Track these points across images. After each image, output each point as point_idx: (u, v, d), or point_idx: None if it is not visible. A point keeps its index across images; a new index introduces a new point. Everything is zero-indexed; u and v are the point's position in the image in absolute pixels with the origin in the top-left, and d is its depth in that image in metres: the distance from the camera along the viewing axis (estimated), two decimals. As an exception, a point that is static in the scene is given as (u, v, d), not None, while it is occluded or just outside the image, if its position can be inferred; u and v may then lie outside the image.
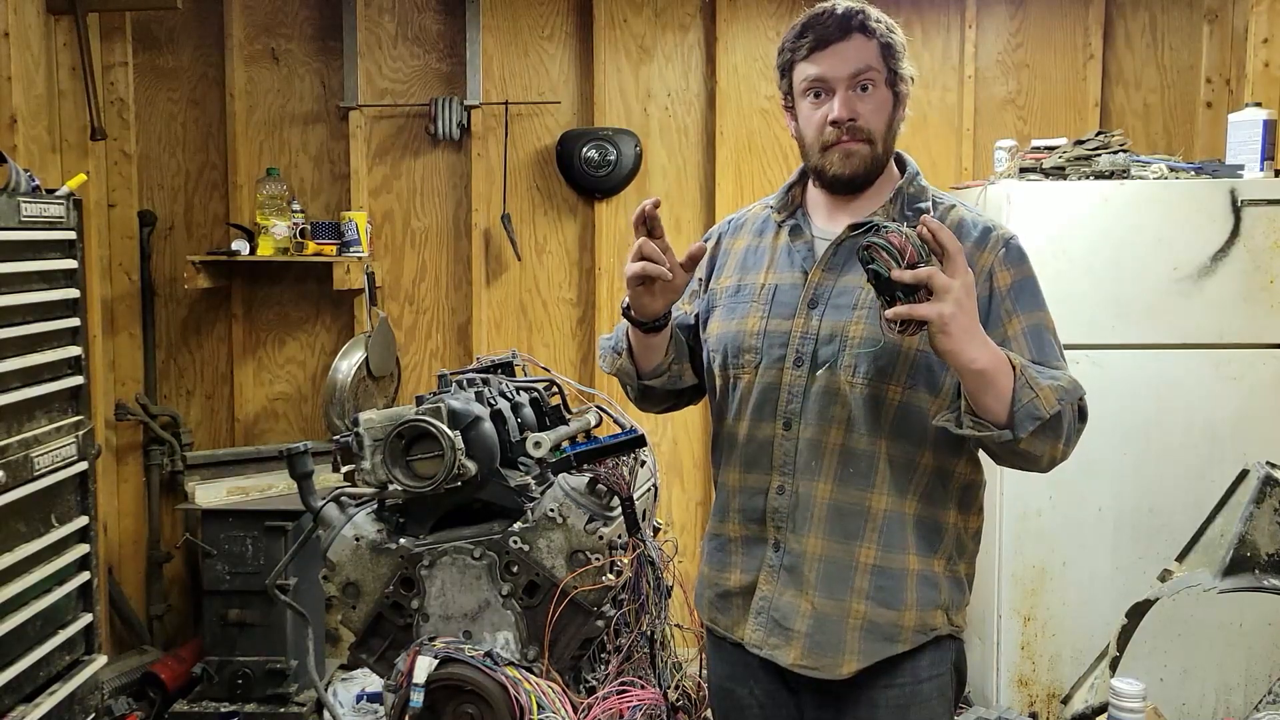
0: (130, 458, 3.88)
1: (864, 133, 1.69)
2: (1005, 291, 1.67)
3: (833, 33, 1.68)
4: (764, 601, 1.72)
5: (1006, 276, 1.68)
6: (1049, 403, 1.52)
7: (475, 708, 1.48)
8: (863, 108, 1.68)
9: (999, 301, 1.67)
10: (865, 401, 1.65)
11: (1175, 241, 2.92)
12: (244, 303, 3.96)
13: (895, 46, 1.70)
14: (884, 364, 1.63)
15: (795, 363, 1.69)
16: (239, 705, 3.37)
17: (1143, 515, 2.97)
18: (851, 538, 1.67)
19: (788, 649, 1.69)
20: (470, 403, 1.58)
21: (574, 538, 1.52)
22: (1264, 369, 2.93)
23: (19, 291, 2.51)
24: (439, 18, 3.88)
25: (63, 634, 2.64)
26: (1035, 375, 1.54)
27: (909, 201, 1.73)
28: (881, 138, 1.71)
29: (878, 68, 1.68)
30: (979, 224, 1.72)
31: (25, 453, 2.48)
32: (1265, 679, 2.93)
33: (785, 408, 1.70)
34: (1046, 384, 1.54)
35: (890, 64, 1.69)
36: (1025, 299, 1.68)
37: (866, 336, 1.65)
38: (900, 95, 1.72)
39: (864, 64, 1.67)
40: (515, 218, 3.84)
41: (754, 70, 3.82)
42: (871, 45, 1.68)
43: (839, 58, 1.67)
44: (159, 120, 3.93)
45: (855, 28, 1.68)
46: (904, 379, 1.64)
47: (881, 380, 1.63)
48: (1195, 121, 3.68)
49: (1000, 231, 1.72)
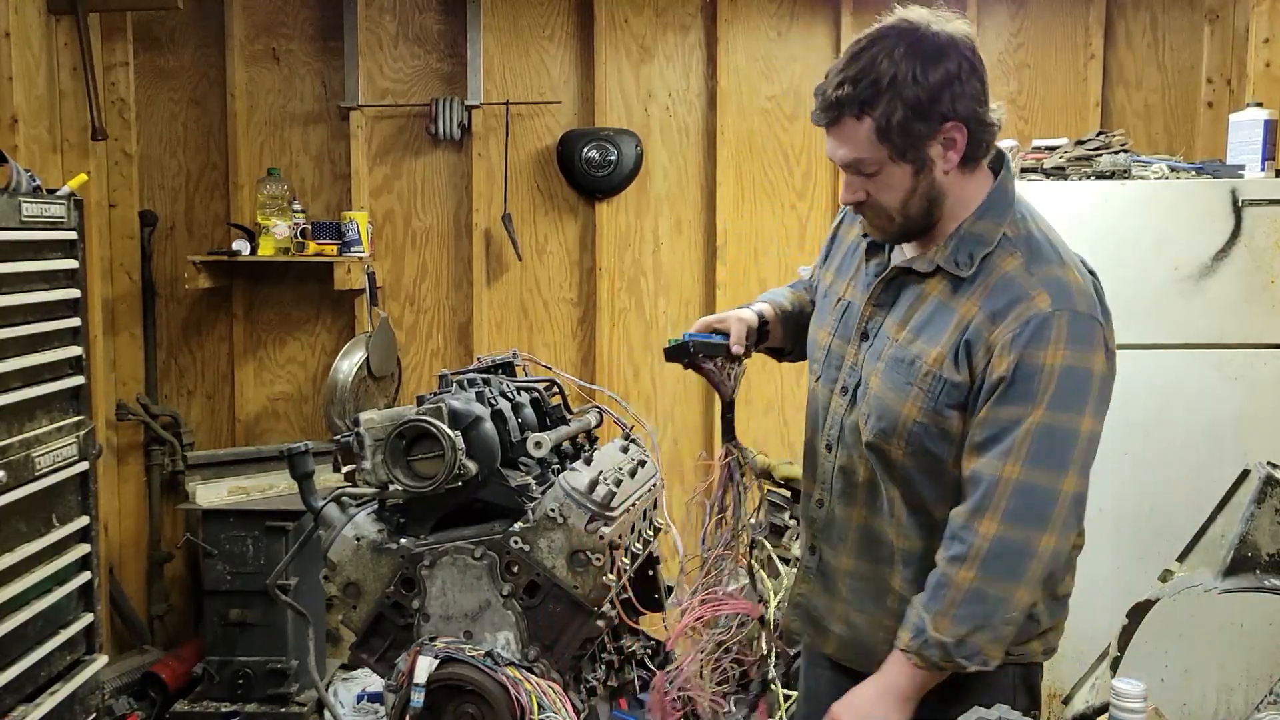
0: (131, 458, 3.88)
1: (874, 211, 1.59)
2: (1001, 372, 1.49)
3: (820, 119, 1.56)
4: (801, 598, 1.80)
5: (1006, 360, 1.49)
6: (950, 631, 1.50)
7: (476, 708, 1.48)
8: (870, 187, 1.56)
9: (991, 382, 1.51)
10: (875, 451, 1.65)
11: (1176, 242, 2.91)
12: (245, 303, 3.96)
13: (896, 119, 1.48)
14: (885, 426, 1.62)
15: (842, 390, 1.71)
16: (240, 705, 3.37)
17: (1143, 515, 2.96)
18: (881, 563, 1.70)
19: (826, 642, 1.77)
20: (471, 403, 1.58)
21: (575, 538, 1.52)
22: (1265, 369, 2.93)
23: (20, 291, 2.51)
24: (440, 18, 3.88)
25: (64, 634, 2.64)
26: (913, 639, 1.53)
27: (966, 244, 1.57)
28: (900, 212, 1.57)
29: (870, 154, 1.52)
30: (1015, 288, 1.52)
31: (26, 453, 2.48)
32: (1266, 679, 2.93)
33: (828, 430, 1.73)
34: (931, 624, 1.51)
35: (895, 139, 1.50)
36: (1016, 384, 1.49)
37: (876, 396, 1.63)
38: (926, 160, 1.53)
39: (854, 155, 1.54)
40: (516, 218, 3.84)
41: (755, 70, 3.82)
42: (863, 128, 1.50)
43: (833, 142, 1.56)
44: (160, 120, 3.93)
45: (844, 113, 1.52)
46: (904, 445, 1.61)
47: (885, 439, 1.62)
48: (1196, 121, 3.67)
49: (1029, 304, 1.50)
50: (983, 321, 1.53)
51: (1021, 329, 1.50)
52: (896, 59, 1.49)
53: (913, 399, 1.58)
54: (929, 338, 1.58)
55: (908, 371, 1.59)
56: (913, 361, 1.59)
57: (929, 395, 1.57)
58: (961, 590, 1.51)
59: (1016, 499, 1.50)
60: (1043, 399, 1.49)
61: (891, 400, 1.61)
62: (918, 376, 1.58)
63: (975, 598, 1.51)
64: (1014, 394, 1.50)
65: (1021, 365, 1.49)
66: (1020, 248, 1.57)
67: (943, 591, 1.52)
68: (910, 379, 1.58)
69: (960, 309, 1.57)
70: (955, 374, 1.55)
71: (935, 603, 1.53)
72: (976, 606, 1.51)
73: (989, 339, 1.52)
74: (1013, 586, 1.51)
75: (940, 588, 1.53)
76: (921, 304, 1.62)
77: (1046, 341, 1.49)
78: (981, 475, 1.52)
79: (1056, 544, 1.52)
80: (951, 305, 1.58)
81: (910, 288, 1.64)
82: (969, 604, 1.51)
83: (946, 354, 1.56)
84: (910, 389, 1.58)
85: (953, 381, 1.55)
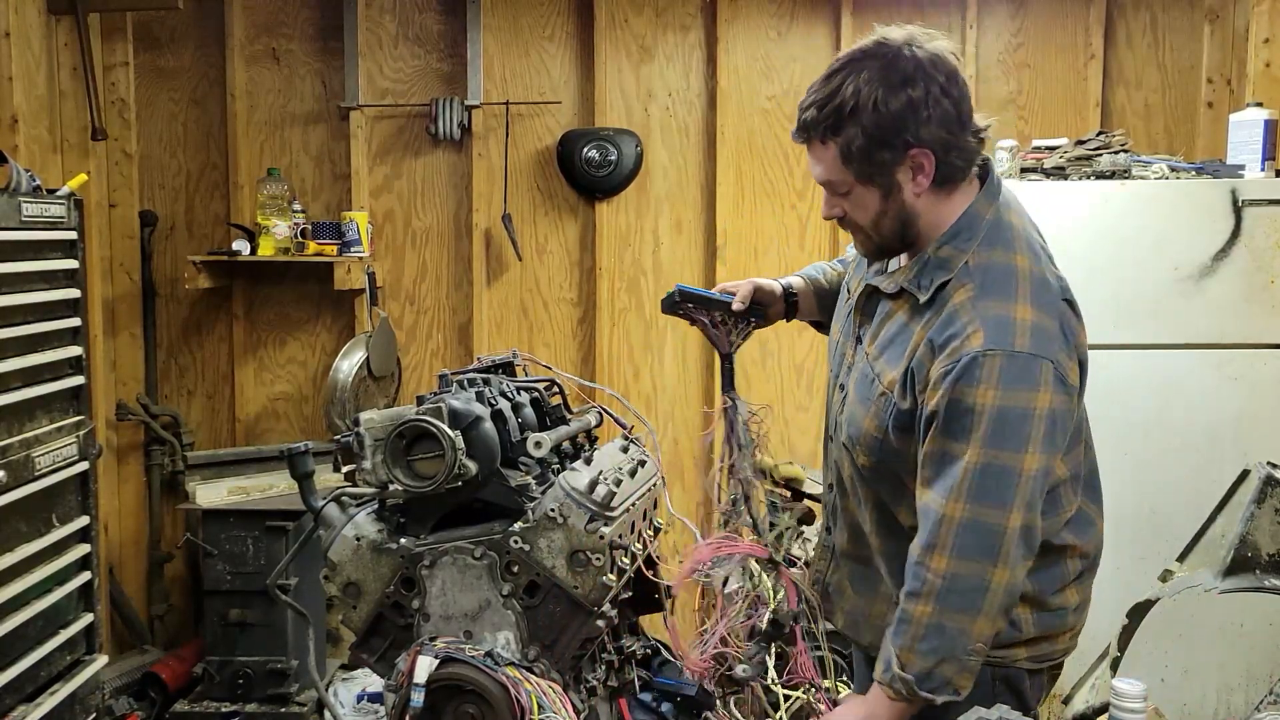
0: (131, 458, 3.88)
1: (852, 228, 1.66)
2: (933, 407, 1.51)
3: (796, 138, 1.64)
4: (819, 574, 1.87)
5: (937, 395, 1.50)
6: (915, 666, 1.53)
7: (476, 708, 1.48)
8: (845, 205, 1.63)
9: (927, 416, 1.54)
10: (848, 453, 1.72)
11: (1176, 241, 2.91)
12: (245, 303, 3.96)
13: (857, 145, 1.52)
14: (853, 432, 1.69)
15: (839, 387, 1.78)
16: (240, 705, 3.37)
17: (1144, 516, 2.96)
18: (866, 551, 1.78)
19: (837, 616, 1.84)
20: (471, 402, 1.58)
21: (574, 538, 1.52)
22: (1265, 369, 2.93)
23: (20, 291, 2.51)
24: (440, 18, 3.88)
25: (64, 634, 2.64)
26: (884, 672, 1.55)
27: (929, 269, 1.60)
28: (874, 229, 1.62)
29: (839, 177, 1.58)
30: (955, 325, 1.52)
31: (26, 453, 2.48)
32: (1266, 679, 2.93)
33: (831, 421, 1.82)
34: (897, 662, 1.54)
35: (857, 165, 1.55)
36: (944, 423, 1.50)
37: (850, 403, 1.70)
38: (893, 183, 1.56)
39: (825, 176, 1.61)
40: (516, 218, 3.84)
41: (755, 70, 3.82)
42: (829, 152, 1.57)
43: (810, 160, 1.63)
44: (160, 120, 3.93)
45: (811, 136, 1.59)
46: (866, 454, 1.67)
47: (852, 444, 1.69)
48: (1196, 121, 3.67)
49: (962, 343, 1.50)
50: (925, 353, 1.55)
51: (952, 366, 1.51)
52: (861, 84, 1.52)
53: (872, 414, 1.65)
54: (889, 359, 1.63)
55: (869, 388, 1.65)
56: (873, 380, 1.65)
57: (882, 415, 1.62)
58: (921, 625, 1.54)
59: (963, 536, 1.51)
60: (976, 438, 1.50)
61: (858, 411, 1.68)
62: (875, 395, 1.64)
63: (935, 632, 1.53)
64: (949, 431, 1.52)
65: (950, 404, 1.51)
66: (975, 279, 1.56)
67: (905, 627, 1.56)
68: (870, 395, 1.65)
69: (915, 335, 1.59)
70: (903, 401, 1.59)
71: (899, 638, 1.56)
72: (937, 640, 1.53)
73: (928, 371, 1.54)
74: (970, 619, 1.52)
75: (902, 623, 1.56)
76: (889, 321, 1.66)
77: (976, 381, 1.49)
78: (929, 510, 1.55)
79: (1010, 577, 1.53)
80: (910, 328, 1.61)
81: (883, 303, 1.69)
82: (930, 638, 1.53)
83: (898, 379, 1.60)
84: (870, 405, 1.65)
85: (900, 407, 1.59)
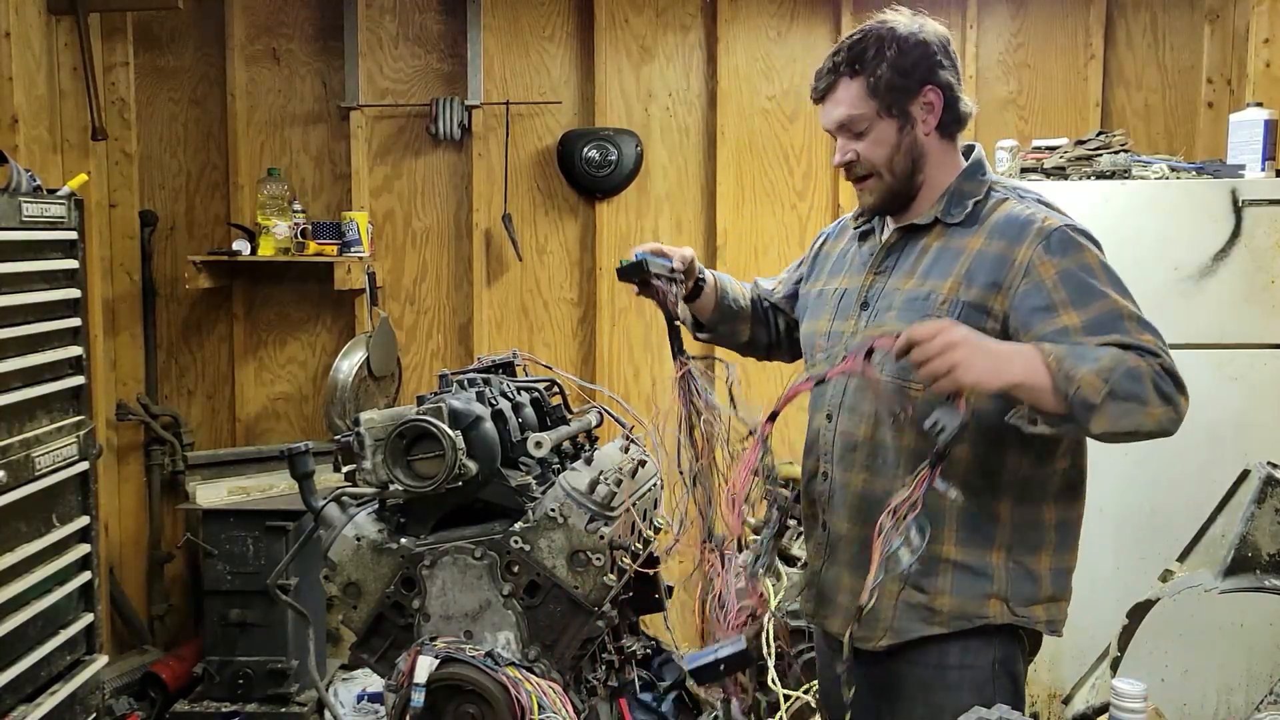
0: (131, 458, 3.88)
1: (865, 169, 1.77)
2: (1049, 285, 1.64)
3: (820, 87, 1.77)
4: (814, 575, 1.85)
5: (1050, 269, 1.65)
6: (1093, 389, 1.51)
7: (476, 708, 1.49)
8: (859, 146, 1.76)
9: (1043, 295, 1.64)
10: (893, 395, 1.71)
11: (1176, 242, 2.91)
12: (245, 303, 3.96)
13: (884, 76, 1.71)
14: (906, 361, 1.64)
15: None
16: (240, 705, 3.37)
17: (1144, 515, 2.96)
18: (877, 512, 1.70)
19: (834, 619, 1.81)
20: (471, 403, 1.58)
21: (575, 538, 1.52)
22: (1265, 369, 2.93)
23: (20, 292, 2.51)
24: (440, 18, 3.88)
25: (64, 634, 2.64)
26: (1072, 366, 1.52)
27: (955, 199, 1.77)
28: (887, 167, 1.76)
29: (862, 110, 1.73)
30: (1021, 218, 1.70)
31: (26, 453, 2.49)
32: (1266, 679, 2.93)
33: (830, 401, 1.82)
34: (1086, 370, 1.52)
35: (883, 97, 1.72)
36: (1075, 288, 1.63)
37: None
38: (909, 117, 1.74)
39: (846, 114, 1.74)
40: (516, 218, 3.84)
41: (755, 70, 3.82)
42: (855, 86, 1.73)
43: (828, 107, 1.78)
44: (160, 120, 3.93)
45: (838, 72, 1.74)
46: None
47: (904, 375, 1.68)
48: (1196, 121, 3.67)
49: (1043, 224, 1.68)
50: (1000, 248, 1.68)
51: (1046, 242, 1.65)
52: (884, 32, 1.74)
53: None
54: (939, 275, 1.73)
55: (924, 305, 1.72)
56: (928, 295, 1.72)
57: (949, 318, 1.66)
58: (1125, 366, 1.55)
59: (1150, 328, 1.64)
60: (1108, 288, 1.62)
61: None
62: (935, 305, 1.70)
63: (1130, 378, 1.55)
64: (1077, 297, 1.61)
65: (1065, 272, 1.63)
66: (1010, 194, 1.77)
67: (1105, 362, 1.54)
68: (928, 310, 1.71)
69: (966, 244, 1.72)
70: (969, 295, 1.68)
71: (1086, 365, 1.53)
72: (1128, 384, 1.55)
73: (1014, 261, 1.66)
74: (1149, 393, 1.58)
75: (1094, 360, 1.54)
76: (925, 255, 1.77)
77: (1079, 246, 1.65)
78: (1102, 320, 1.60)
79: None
80: (953, 247, 1.74)
81: (910, 245, 1.79)
82: (1124, 379, 1.54)
83: (960, 281, 1.69)
84: (929, 318, 1.68)
85: (969, 303, 1.67)
